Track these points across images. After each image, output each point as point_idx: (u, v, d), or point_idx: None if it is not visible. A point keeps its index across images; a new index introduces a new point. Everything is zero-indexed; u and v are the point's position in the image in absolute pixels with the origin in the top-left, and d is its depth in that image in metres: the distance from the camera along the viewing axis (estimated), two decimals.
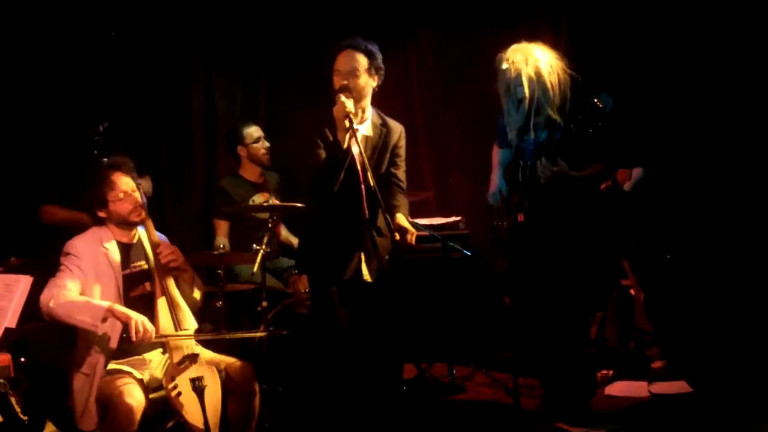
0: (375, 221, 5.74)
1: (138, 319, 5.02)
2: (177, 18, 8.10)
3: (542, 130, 5.72)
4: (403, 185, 5.96)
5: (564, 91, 5.73)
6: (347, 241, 5.69)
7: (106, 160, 5.64)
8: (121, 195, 5.36)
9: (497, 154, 6.18)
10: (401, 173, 5.95)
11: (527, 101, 5.68)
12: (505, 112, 5.84)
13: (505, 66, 5.72)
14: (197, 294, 5.69)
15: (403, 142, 5.94)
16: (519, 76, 5.68)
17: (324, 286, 5.74)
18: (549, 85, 5.66)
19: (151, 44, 7.99)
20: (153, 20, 7.94)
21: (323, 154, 5.55)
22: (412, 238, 5.70)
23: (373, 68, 5.68)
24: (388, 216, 5.49)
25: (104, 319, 5.01)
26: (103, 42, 7.63)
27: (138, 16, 7.82)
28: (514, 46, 5.82)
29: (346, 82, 5.60)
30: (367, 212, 5.67)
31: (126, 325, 5.01)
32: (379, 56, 5.72)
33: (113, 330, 5.14)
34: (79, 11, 7.45)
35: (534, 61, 5.70)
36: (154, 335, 5.10)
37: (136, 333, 4.98)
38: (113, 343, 5.17)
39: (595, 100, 5.44)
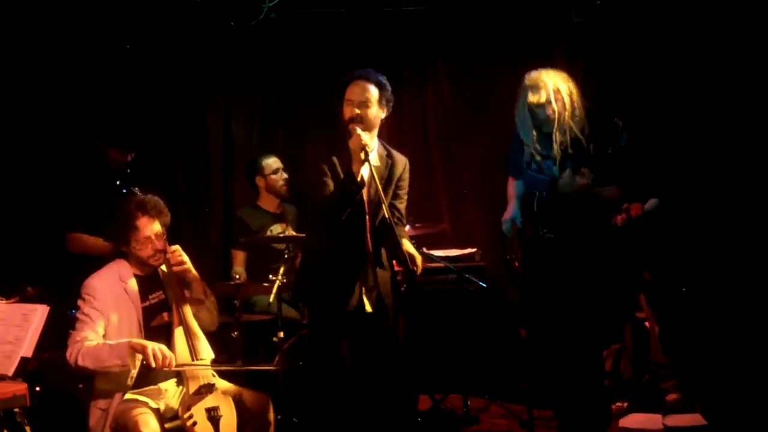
0: (378, 253, 5.74)
1: (155, 346, 5.04)
2: (196, 50, 8.17)
3: (566, 150, 5.68)
4: (404, 220, 5.92)
5: (584, 114, 5.72)
6: (349, 273, 5.64)
7: (136, 197, 5.61)
8: (143, 240, 5.38)
9: (512, 186, 6.17)
10: (402, 207, 5.88)
11: (555, 120, 5.65)
12: (527, 136, 5.82)
13: (532, 86, 5.70)
14: (212, 306, 5.68)
15: (407, 175, 5.86)
16: (548, 95, 5.66)
17: (326, 318, 5.69)
18: (577, 106, 5.66)
19: (171, 76, 8.05)
20: (172, 52, 8.01)
21: (331, 183, 5.52)
22: (419, 264, 5.67)
23: (384, 99, 5.64)
24: (403, 248, 5.50)
25: (131, 355, 5.04)
26: (126, 72, 7.71)
27: (159, 49, 7.89)
28: (537, 71, 5.82)
29: (358, 111, 5.60)
30: (371, 245, 5.67)
31: (144, 355, 5.04)
32: (389, 88, 5.69)
33: (132, 366, 5.16)
34: (104, 40, 7.54)
35: (561, 80, 5.70)
36: (174, 361, 5.13)
37: (155, 359, 5.01)
38: (131, 379, 5.20)
39: (615, 119, 5.44)
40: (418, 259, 5.68)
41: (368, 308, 5.65)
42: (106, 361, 5.06)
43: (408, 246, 5.69)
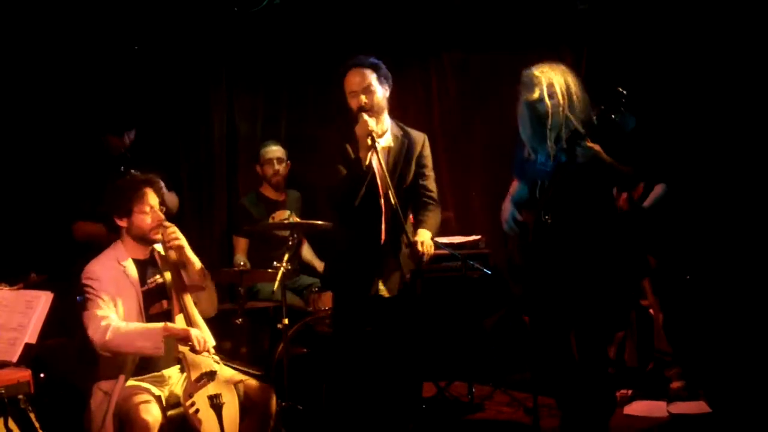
0: (397, 241, 5.75)
1: (196, 333, 5.14)
2: (199, 41, 8.16)
3: (561, 143, 5.64)
4: (434, 196, 5.97)
5: (587, 107, 5.68)
6: (365, 260, 5.69)
7: (140, 173, 5.67)
8: (147, 209, 5.37)
9: (513, 186, 6.13)
10: (430, 183, 5.95)
11: (550, 115, 5.60)
12: (523, 132, 5.78)
13: (527, 83, 5.67)
14: (211, 290, 5.65)
15: (428, 152, 5.94)
16: (542, 91, 5.61)
17: (347, 303, 5.75)
18: (576, 98, 5.62)
19: (174, 66, 8.05)
20: (176, 43, 8.00)
21: (344, 171, 5.57)
22: (423, 251, 5.69)
23: (382, 78, 5.71)
24: (407, 234, 5.52)
25: (164, 340, 5.06)
26: (128, 62, 7.69)
27: (162, 39, 7.87)
28: (538, 65, 5.78)
29: (366, 100, 5.62)
30: (384, 234, 5.69)
31: (186, 341, 5.12)
32: (383, 65, 5.76)
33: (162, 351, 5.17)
34: (105, 32, 7.51)
35: (555, 74, 5.66)
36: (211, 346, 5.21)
37: (198, 345, 5.11)
38: (134, 362, 5.20)
39: (619, 89, 5.41)
40: (427, 246, 5.69)
41: (385, 293, 5.72)
42: (138, 343, 5.06)
43: (421, 234, 5.71)
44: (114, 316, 5.13)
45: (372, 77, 5.67)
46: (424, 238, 5.74)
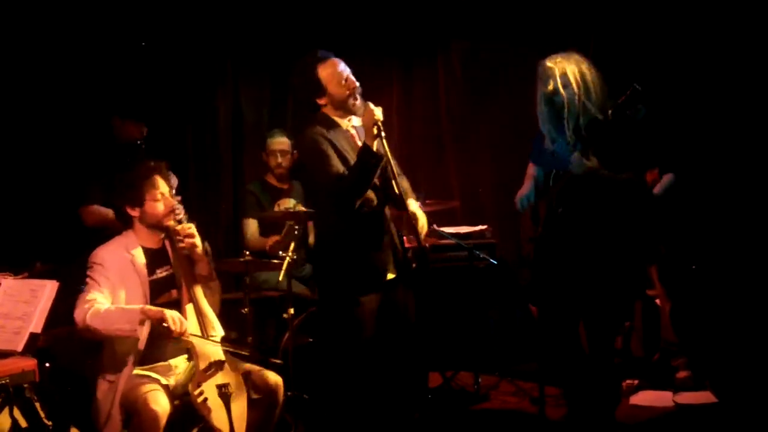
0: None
1: (172, 314, 5.06)
2: (206, 29, 8.14)
3: (581, 133, 5.61)
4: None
5: (604, 94, 5.65)
6: (381, 245, 5.59)
7: (149, 162, 5.64)
8: (159, 196, 5.37)
9: (531, 168, 6.10)
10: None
11: (576, 101, 5.57)
12: (543, 128, 5.75)
13: (542, 76, 5.64)
14: (216, 288, 5.66)
15: None
16: (556, 82, 5.58)
17: (357, 300, 5.55)
18: (592, 85, 5.59)
19: (179, 55, 8.03)
20: (183, 31, 7.97)
21: (337, 163, 5.43)
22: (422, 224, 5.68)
23: None
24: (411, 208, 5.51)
25: (141, 322, 5.03)
26: (134, 50, 7.67)
27: (168, 27, 7.85)
28: (551, 56, 5.75)
29: (359, 88, 5.58)
30: (388, 212, 5.65)
31: (161, 322, 5.03)
32: None
33: (140, 337, 5.14)
34: (115, 23, 7.49)
35: (570, 63, 5.63)
36: (188, 329, 5.14)
37: (173, 324, 5.01)
38: (140, 350, 5.17)
39: (635, 85, 5.39)
40: (422, 219, 5.67)
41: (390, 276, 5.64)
42: (115, 324, 5.03)
43: (414, 205, 5.69)
44: (102, 299, 5.13)
45: None
46: (418, 211, 5.74)
